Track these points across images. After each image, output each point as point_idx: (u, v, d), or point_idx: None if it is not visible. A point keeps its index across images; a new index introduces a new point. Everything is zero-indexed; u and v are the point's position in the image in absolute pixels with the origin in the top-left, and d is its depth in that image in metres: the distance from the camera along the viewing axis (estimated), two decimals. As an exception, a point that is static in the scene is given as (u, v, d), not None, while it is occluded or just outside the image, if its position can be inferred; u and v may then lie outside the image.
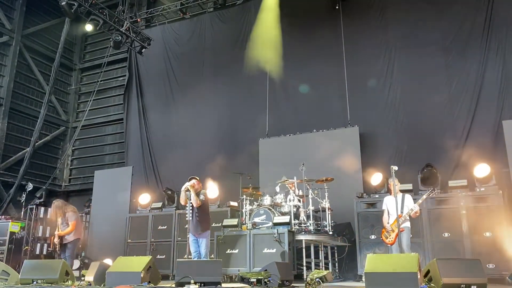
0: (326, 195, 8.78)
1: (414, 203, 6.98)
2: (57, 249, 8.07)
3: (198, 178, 7.56)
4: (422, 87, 10.40)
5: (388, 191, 7.98)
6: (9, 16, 14.81)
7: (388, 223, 7.06)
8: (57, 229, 8.15)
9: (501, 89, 9.57)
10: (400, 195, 6.93)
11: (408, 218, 6.89)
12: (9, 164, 14.27)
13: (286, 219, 8.13)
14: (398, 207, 6.56)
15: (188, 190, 7.34)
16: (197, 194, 7.37)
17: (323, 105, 11.44)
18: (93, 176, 13.03)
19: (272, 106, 11.92)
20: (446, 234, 7.89)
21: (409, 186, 8.27)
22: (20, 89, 15.04)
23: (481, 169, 8.01)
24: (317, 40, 11.85)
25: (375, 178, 8.93)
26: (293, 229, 8.15)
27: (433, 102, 10.23)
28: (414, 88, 10.50)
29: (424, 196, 6.95)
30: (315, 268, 8.00)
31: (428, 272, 5.58)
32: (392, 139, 10.46)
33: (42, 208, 11.99)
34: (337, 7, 11.48)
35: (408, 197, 7.13)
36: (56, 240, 8.02)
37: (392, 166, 6.49)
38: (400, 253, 6.57)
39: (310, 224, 8.46)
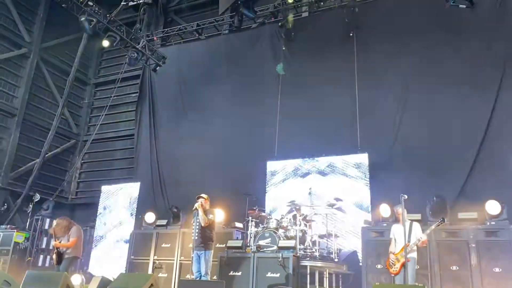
0: (333, 221, 8.69)
1: (423, 232, 6.89)
2: (55, 261, 8.05)
3: (206, 197, 7.53)
4: (434, 118, 10.32)
5: (396, 220, 7.87)
6: (29, 29, 15.16)
7: (394, 252, 6.95)
8: (55, 240, 8.16)
9: (512, 123, 9.52)
10: (407, 223, 6.84)
11: (415, 248, 6.80)
12: (18, 174, 14.39)
13: (291, 243, 8.03)
14: (405, 235, 6.47)
15: (196, 209, 7.33)
16: (206, 213, 7.34)
17: (333, 130, 11.38)
18: (100, 190, 13.04)
19: (282, 129, 11.90)
20: (454, 267, 7.71)
21: (417, 216, 8.11)
22: (34, 101, 15.29)
23: (492, 206, 7.86)
24: (330, 65, 11.86)
25: (383, 209, 8.78)
26: (298, 254, 8.04)
27: (445, 133, 10.14)
28: (426, 118, 10.40)
29: (433, 227, 6.89)
30: (319, 295, 7.87)
31: (435, 305, 5.45)
32: (402, 168, 10.30)
33: (48, 220, 12.00)
34: (351, 34, 11.57)
35: (416, 225, 7.03)
36: (54, 252, 8.05)
37: (402, 195, 6.44)
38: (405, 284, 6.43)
39: (316, 250, 8.36)
